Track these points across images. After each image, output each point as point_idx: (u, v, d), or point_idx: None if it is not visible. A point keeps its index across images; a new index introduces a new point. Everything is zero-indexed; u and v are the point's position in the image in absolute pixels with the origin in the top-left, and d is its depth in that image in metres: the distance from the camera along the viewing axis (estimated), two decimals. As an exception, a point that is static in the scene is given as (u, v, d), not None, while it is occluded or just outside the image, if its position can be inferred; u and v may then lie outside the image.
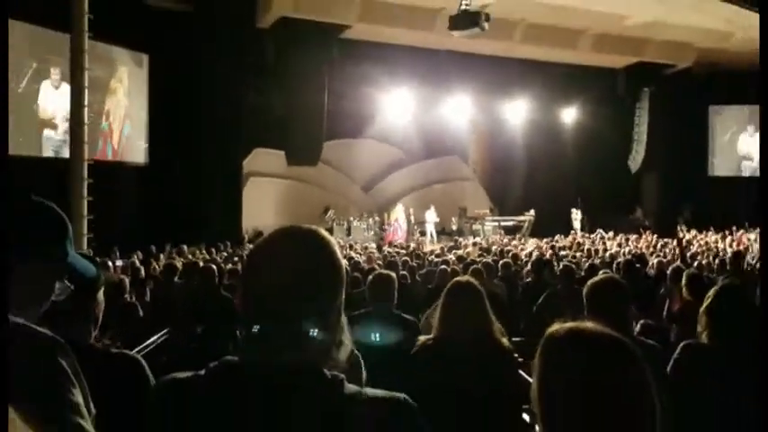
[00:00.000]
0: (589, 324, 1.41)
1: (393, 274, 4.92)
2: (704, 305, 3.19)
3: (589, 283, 3.31)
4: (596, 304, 3.19)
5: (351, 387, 1.29)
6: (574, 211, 24.58)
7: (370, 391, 1.30)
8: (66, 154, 14.09)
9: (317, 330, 1.29)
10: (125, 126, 17.54)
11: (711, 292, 3.23)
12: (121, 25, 16.08)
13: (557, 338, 1.39)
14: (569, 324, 1.42)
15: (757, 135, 26.21)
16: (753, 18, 18.71)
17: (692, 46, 22.56)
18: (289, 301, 1.28)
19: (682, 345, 3.22)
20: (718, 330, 3.09)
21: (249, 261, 1.40)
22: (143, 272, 9.36)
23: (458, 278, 3.80)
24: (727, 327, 3.08)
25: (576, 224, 24.30)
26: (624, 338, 1.39)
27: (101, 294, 2.49)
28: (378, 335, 4.22)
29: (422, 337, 3.60)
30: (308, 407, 1.24)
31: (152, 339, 6.02)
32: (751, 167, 26.43)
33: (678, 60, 23.28)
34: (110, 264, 9.32)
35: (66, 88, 14.09)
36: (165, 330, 6.39)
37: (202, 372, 1.29)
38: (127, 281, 6.85)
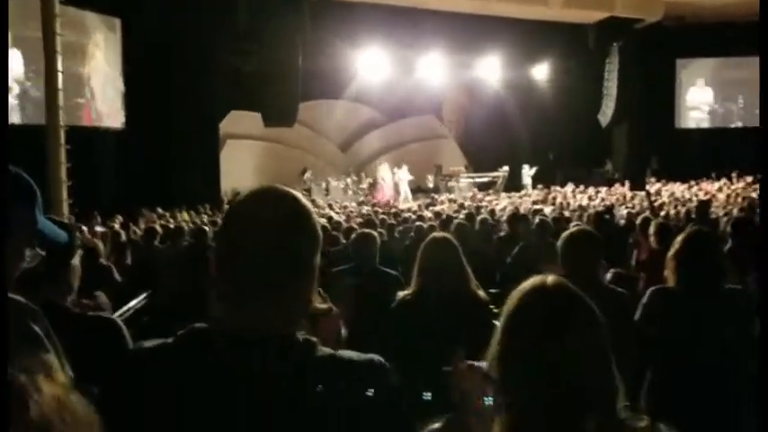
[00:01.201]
0: (550, 278, 1.44)
1: (374, 233, 5.06)
2: (672, 251, 3.27)
3: (564, 235, 3.44)
4: (570, 256, 3.32)
5: (324, 350, 1.27)
6: (525, 167, 24.71)
7: (343, 353, 1.28)
8: (17, 120, 14.08)
9: (290, 295, 1.27)
10: (106, 91, 17.44)
11: (679, 239, 3.30)
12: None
13: (521, 293, 1.43)
14: (532, 280, 1.45)
15: (708, 89, 26.78)
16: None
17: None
18: (263, 265, 1.25)
19: (650, 290, 3.33)
20: (685, 275, 3.17)
21: (225, 223, 1.36)
22: (123, 236, 9.41)
23: (434, 234, 3.85)
24: (693, 271, 3.16)
25: (527, 180, 24.39)
26: (581, 293, 1.42)
27: (76, 260, 2.46)
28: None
29: (401, 293, 3.68)
30: (279, 373, 1.21)
31: (132, 303, 6.06)
32: (696, 118, 27.01)
33: (647, 14, 23.47)
34: (84, 229, 9.33)
35: (15, 52, 14.07)
36: (144, 294, 6.43)
37: (171, 339, 1.26)
38: (101, 245, 6.73)
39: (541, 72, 24.77)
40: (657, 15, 23.50)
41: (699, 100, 27.04)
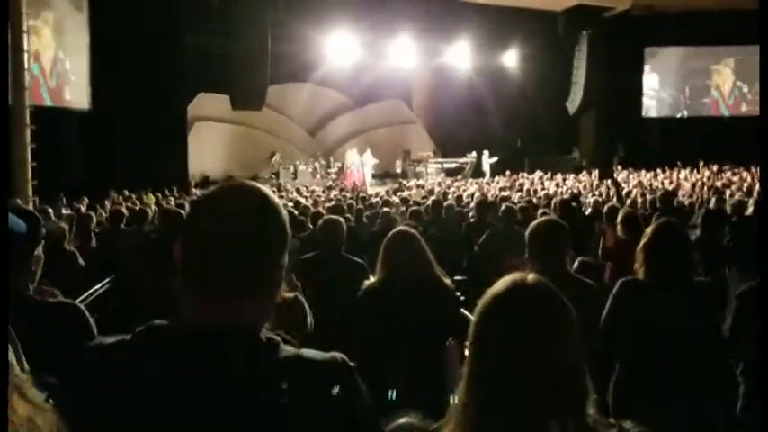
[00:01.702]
0: (530, 277, 1.43)
1: (341, 219, 5.01)
2: (642, 243, 3.25)
3: (531, 226, 3.45)
4: (537, 245, 3.34)
5: (287, 350, 1.23)
6: (485, 153, 24.65)
7: (307, 352, 1.25)
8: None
9: (256, 292, 1.25)
10: (57, 67, 17.03)
11: (649, 230, 3.29)
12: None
13: (498, 294, 1.41)
14: (509, 278, 1.43)
15: (675, 78, 27.12)
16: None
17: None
18: (230, 261, 1.22)
19: (620, 282, 3.31)
20: (655, 267, 3.17)
21: (191, 219, 1.32)
22: (89, 218, 9.22)
23: (396, 228, 3.83)
24: (663, 263, 3.16)
25: (486, 168, 24.34)
26: (558, 292, 1.41)
27: (39, 249, 2.41)
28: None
29: (367, 281, 3.68)
30: (240, 373, 1.18)
31: (97, 287, 5.98)
32: (661, 107, 27.44)
33: (616, 3, 23.69)
34: (50, 211, 9.15)
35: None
36: (108, 279, 6.33)
37: (129, 336, 1.23)
38: (67, 229, 6.65)
39: (511, 59, 24.87)
40: (626, 4, 23.72)
41: (665, 89, 27.33)
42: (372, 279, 3.64)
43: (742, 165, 19.45)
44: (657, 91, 27.44)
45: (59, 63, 16.73)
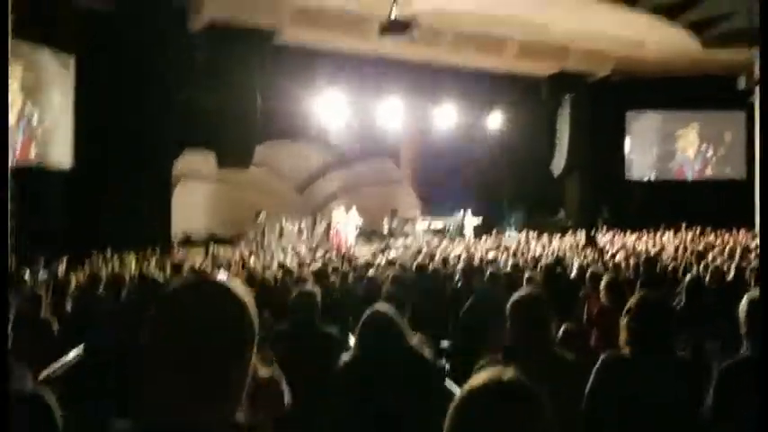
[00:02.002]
0: (506, 375, 1.42)
1: (314, 292, 4.87)
2: (625, 319, 3.27)
3: (512, 299, 3.42)
4: (518, 321, 3.32)
5: None
6: (468, 214, 24.48)
7: None
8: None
9: (220, 395, 1.24)
10: (51, 128, 17.09)
11: (632, 304, 3.31)
12: (47, 26, 15.74)
13: (473, 392, 1.41)
14: (486, 376, 1.43)
15: (659, 141, 27.57)
16: (665, 28, 19.75)
17: (610, 55, 23.54)
18: (192, 364, 1.21)
19: (602, 357, 3.33)
20: (637, 342, 3.19)
21: (155, 318, 1.30)
22: (65, 283, 9.07)
23: (371, 310, 3.73)
24: (644, 338, 3.18)
25: (468, 231, 24.13)
26: (534, 391, 1.41)
27: None
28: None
29: (343, 356, 3.66)
30: None
31: (70, 355, 5.83)
32: (645, 170, 27.76)
33: (597, 68, 24.27)
34: (26, 278, 9.03)
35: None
36: (80, 347, 6.03)
37: None
38: (43, 297, 6.61)
39: (496, 121, 25.20)
40: (607, 69, 24.31)
41: (648, 152, 27.74)
42: (347, 355, 3.60)
43: (723, 227, 19.67)
44: (638, 154, 27.84)
45: (28, 118, 16.61)
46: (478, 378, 1.43)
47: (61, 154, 17.43)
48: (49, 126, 17.02)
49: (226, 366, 1.25)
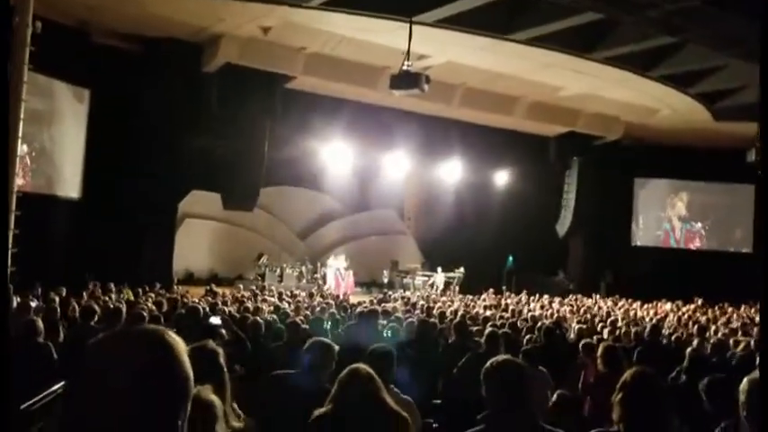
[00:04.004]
0: None
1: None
2: (619, 395, 3.20)
3: (484, 370, 3.33)
4: (504, 392, 3.23)
5: None
6: (439, 271, 24.50)
7: None
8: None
9: None
10: (58, 159, 17.19)
11: (627, 379, 3.24)
12: (64, 59, 15.95)
13: None
14: None
15: (668, 210, 27.53)
16: (679, 97, 19.84)
17: (621, 120, 23.68)
18: (119, 414, 1.14)
19: None
20: (629, 419, 3.11)
21: (82, 371, 1.22)
22: (58, 312, 9.04)
23: (353, 366, 3.66)
24: (636, 416, 3.10)
25: (439, 281, 24.12)
26: None
27: None
28: None
29: (317, 411, 3.56)
30: None
31: (57, 386, 5.80)
32: (652, 238, 27.68)
33: (607, 132, 24.36)
34: (32, 306, 8.99)
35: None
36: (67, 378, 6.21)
37: None
38: (39, 322, 6.60)
39: (502, 178, 25.29)
40: (617, 134, 24.40)
41: (658, 219, 27.67)
42: (322, 409, 3.50)
43: (729, 300, 19.50)
44: (645, 220, 27.78)
45: (41, 147, 16.66)
46: None
47: (70, 184, 17.53)
48: (60, 156, 17.14)
49: (151, 424, 1.15)
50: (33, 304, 10.16)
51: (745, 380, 3.20)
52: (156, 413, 1.15)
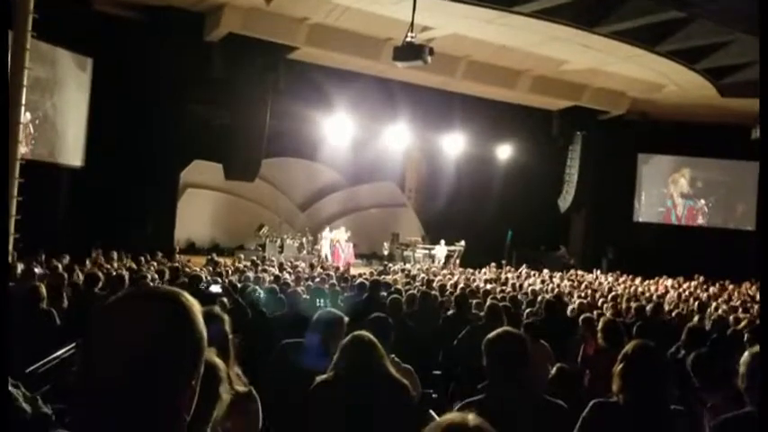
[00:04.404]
0: (471, 418, 1.41)
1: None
2: (619, 366, 3.22)
3: (488, 338, 3.32)
4: (501, 363, 3.22)
5: None
6: (442, 244, 24.34)
7: None
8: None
9: (162, 407, 1.15)
10: (61, 127, 17.15)
11: (628, 352, 3.25)
12: (66, 27, 15.86)
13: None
14: (451, 419, 1.42)
15: (671, 186, 27.45)
16: (685, 73, 19.69)
17: (626, 95, 23.54)
18: (131, 375, 1.12)
19: (591, 404, 3.24)
20: (628, 390, 3.14)
21: (92, 328, 1.20)
22: (63, 279, 9.07)
23: (355, 334, 3.68)
24: (636, 387, 3.13)
25: (440, 253, 24.05)
26: None
27: None
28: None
29: (318, 377, 3.59)
30: None
31: (61, 351, 5.87)
32: (655, 214, 27.64)
33: (612, 107, 24.22)
34: (19, 266, 9.04)
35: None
36: (74, 343, 6.21)
37: None
38: (43, 288, 6.64)
39: (505, 151, 25.18)
40: (622, 109, 24.25)
41: (660, 195, 27.61)
42: (324, 375, 3.55)
43: (731, 277, 19.54)
44: (647, 196, 27.70)
45: (44, 115, 16.62)
46: (444, 419, 1.40)
47: (73, 152, 17.51)
48: (63, 124, 17.11)
49: (163, 384, 1.14)
50: (38, 271, 10.22)
51: (746, 353, 3.21)
52: (170, 373, 1.14)
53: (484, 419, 1.41)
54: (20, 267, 9.04)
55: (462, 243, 24.41)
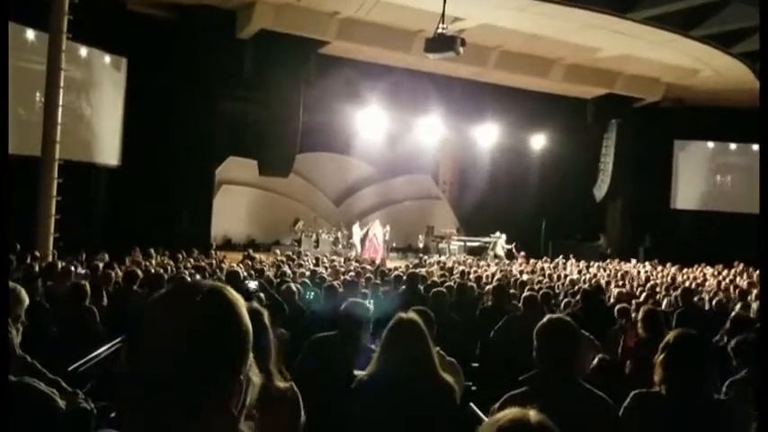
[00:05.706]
0: (533, 415, 1.40)
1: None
2: (661, 356, 3.15)
3: (539, 327, 3.21)
4: (547, 350, 3.13)
5: None
6: (503, 238, 24.01)
7: None
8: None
9: (210, 402, 1.15)
10: (102, 128, 17.42)
11: (669, 340, 3.19)
12: (101, 28, 16.10)
13: (499, 425, 1.38)
14: (512, 415, 1.40)
15: (706, 172, 26.98)
16: (721, 57, 19.32)
17: (661, 81, 23.17)
18: (178, 370, 1.12)
19: (633, 394, 3.19)
20: (670, 380, 3.08)
21: (138, 324, 1.21)
22: (108, 278, 9.20)
23: (401, 315, 3.56)
24: (678, 377, 3.07)
25: (499, 250, 23.71)
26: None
27: None
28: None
29: (359, 373, 3.51)
30: None
31: (103, 349, 5.90)
32: (691, 201, 27.12)
33: (646, 94, 23.86)
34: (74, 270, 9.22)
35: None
36: (118, 339, 6.26)
37: None
38: (87, 286, 6.63)
39: (539, 141, 24.96)
40: (657, 96, 23.88)
41: (695, 182, 27.14)
42: (368, 369, 3.45)
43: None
44: (685, 183, 27.24)
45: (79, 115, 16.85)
46: (504, 416, 1.38)
47: (109, 152, 17.77)
48: (99, 124, 17.37)
49: (210, 379, 1.14)
50: (80, 270, 10.40)
51: None
52: (216, 367, 1.15)
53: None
54: (60, 266, 9.17)
55: (498, 234, 24.17)
